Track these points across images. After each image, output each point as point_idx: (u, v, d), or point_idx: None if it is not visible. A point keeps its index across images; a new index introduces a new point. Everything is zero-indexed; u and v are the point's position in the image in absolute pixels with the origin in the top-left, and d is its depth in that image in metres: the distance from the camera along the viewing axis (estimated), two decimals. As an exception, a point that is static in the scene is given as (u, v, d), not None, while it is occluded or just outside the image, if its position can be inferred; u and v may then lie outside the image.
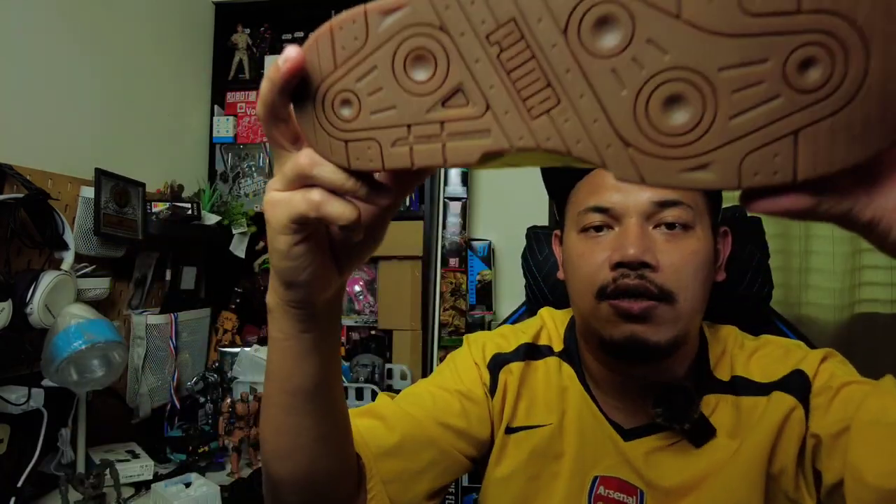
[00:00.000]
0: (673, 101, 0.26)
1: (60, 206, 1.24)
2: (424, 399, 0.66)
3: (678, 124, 0.26)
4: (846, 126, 0.23)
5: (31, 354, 1.11)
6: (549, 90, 0.28)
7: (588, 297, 0.61)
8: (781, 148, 0.25)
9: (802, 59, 0.24)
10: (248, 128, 1.92)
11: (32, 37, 1.26)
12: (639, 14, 0.26)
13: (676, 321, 0.58)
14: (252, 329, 1.84)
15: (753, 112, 0.25)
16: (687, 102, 0.25)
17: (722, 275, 0.66)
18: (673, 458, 0.61)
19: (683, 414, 0.60)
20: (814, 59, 0.24)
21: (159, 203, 1.50)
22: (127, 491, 1.20)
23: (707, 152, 0.25)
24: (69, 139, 1.36)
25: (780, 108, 0.24)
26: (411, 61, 0.30)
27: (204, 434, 1.43)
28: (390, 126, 0.31)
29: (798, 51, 0.24)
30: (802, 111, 0.24)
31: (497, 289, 1.89)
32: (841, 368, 0.60)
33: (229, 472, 1.38)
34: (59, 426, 1.18)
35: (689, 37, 0.25)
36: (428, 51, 0.29)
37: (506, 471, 0.67)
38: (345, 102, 0.31)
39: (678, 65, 0.25)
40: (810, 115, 0.24)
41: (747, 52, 0.24)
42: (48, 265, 1.18)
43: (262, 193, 1.87)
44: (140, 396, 1.42)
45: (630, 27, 0.26)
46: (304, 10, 1.94)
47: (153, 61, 1.66)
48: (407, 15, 0.29)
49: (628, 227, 0.58)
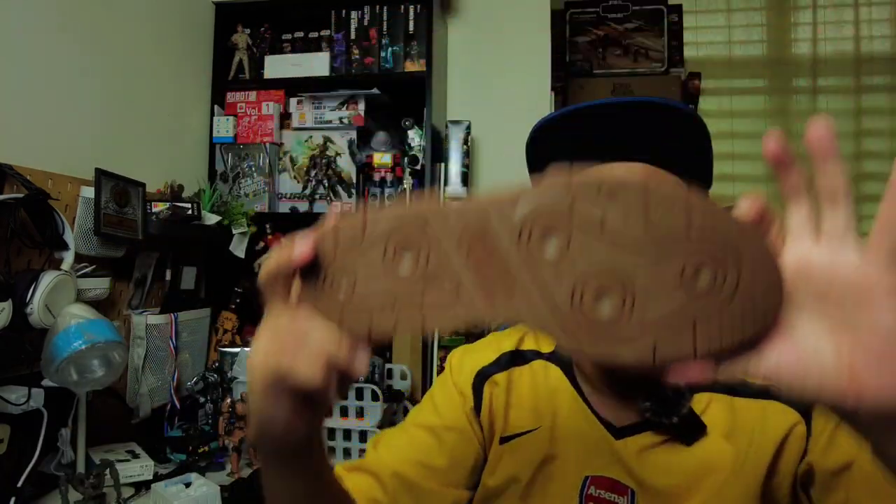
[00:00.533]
0: (601, 294, 0.33)
1: (60, 206, 1.24)
2: (408, 447, 0.69)
3: (605, 313, 0.33)
4: (731, 316, 0.31)
5: (31, 354, 1.11)
6: (508, 280, 0.35)
7: None
8: (683, 333, 0.32)
9: (695, 268, 0.32)
10: (248, 128, 1.92)
11: (32, 37, 1.26)
12: (573, 229, 0.34)
13: None
14: (252, 329, 1.83)
15: (661, 306, 0.32)
16: (612, 295, 0.33)
17: None
18: (664, 457, 0.61)
19: (671, 408, 0.60)
20: (702, 269, 0.32)
21: (159, 203, 1.51)
22: (127, 491, 1.20)
23: (628, 337, 0.33)
24: (69, 139, 1.36)
25: (681, 303, 0.32)
26: (399, 252, 0.38)
27: (204, 434, 1.43)
28: (381, 302, 0.38)
29: (691, 263, 0.32)
30: (697, 305, 0.32)
31: (497, 289, 1.89)
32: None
33: (229, 472, 1.38)
34: (59, 426, 1.18)
35: (611, 248, 0.33)
36: (414, 245, 0.37)
37: (500, 479, 0.67)
38: (343, 281, 0.39)
39: (603, 268, 0.33)
40: (703, 308, 0.32)
41: (656, 260, 0.32)
42: (48, 265, 1.18)
43: (262, 193, 1.88)
44: (140, 396, 1.42)
45: (566, 238, 0.34)
46: (304, 10, 1.94)
47: (153, 61, 1.67)
48: (397, 222, 0.38)
49: None
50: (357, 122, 1.86)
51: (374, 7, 1.87)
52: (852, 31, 3.01)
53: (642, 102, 0.60)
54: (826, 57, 3.01)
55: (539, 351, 0.72)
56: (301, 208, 1.89)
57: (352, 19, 1.89)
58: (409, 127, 1.83)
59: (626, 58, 2.60)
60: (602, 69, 2.61)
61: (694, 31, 3.06)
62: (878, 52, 2.98)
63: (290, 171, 1.93)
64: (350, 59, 1.88)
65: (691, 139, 0.61)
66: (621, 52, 2.61)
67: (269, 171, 1.89)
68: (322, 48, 1.92)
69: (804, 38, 3.05)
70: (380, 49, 1.86)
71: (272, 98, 1.92)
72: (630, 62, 2.60)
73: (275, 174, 1.92)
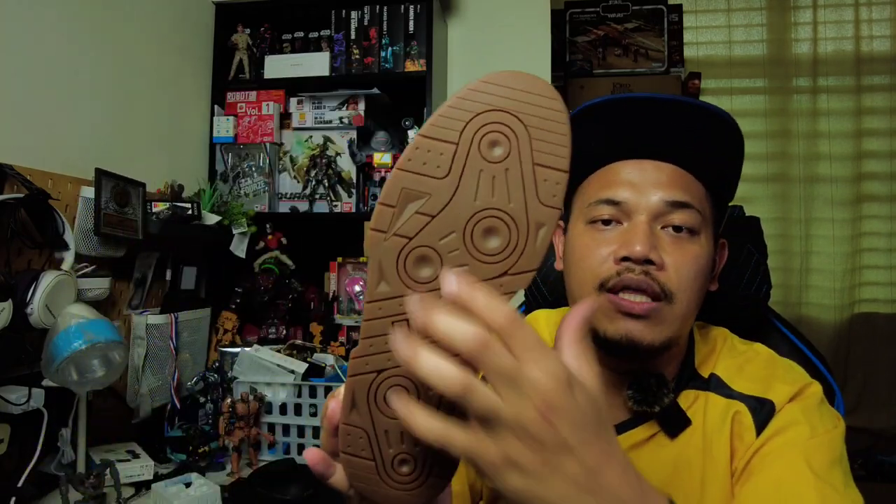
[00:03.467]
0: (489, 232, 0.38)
1: (60, 206, 1.24)
2: None
3: (492, 245, 0.38)
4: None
5: (32, 354, 1.11)
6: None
7: (588, 287, 0.61)
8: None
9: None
10: (248, 128, 1.92)
11: (32, 37, 1.26)
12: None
13: (673, 322, 0.59)
14: (252, 329, 1.84)
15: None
16: (498, 234, 0.38)
17: (715, 285, 0.67)
18: (651, 452, 0.63)
19: (654, 397, 0.61)
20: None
21: (159, 203, 1.51)
22: (127, 491, 1.20)
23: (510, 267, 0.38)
24: (69, 139, 1.36)
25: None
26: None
27: (204, 434, 1.43)
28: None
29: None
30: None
31: (497, 289, 1.89)
32: (799, 418, 0.59)
33: (229, 472, 1.38)
34: (60, 426, 1.18)
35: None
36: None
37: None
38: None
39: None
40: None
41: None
42: (48, 265, 1.18)
43: (262, 193, 1.88)
44: (140, 396, 1.42)
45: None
46: (304, 10, 1.94)
47: (153, 61, 1.67)
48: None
49: (637, 224, 0.59)
50: (357, 122, 1.86)
51: (374, 7, 1.87)
52: (852, 31, 3.01)
53: (685, 103, 0.59)
54: (826, 57, 3.02)
55: None
56: (301, 208, 1.89)
57: (352, 19, 1.89)
58: (409, 127, 1.83)
59: (626, 57, 2.60)
60: (602, 69, 2.61)
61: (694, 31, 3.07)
62: (878, 52, 2.98)
63: (290, 171, 1.93)
64: (350, 59, 1.88)
65: (726, 146, 0.61)
66: (621, 52, 2.61)
67: (269, 171, 1.89)
68: (322, 48, 1.92)
69: (804, 37, 3.05)
70: (380, 49, 1.86)
71: (272, 98, 1.92)
72: (630, 62, 2.60)
73: (275, 174, 1.92)
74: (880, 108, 2.97)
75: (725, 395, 0.62)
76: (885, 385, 2.85)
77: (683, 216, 0.59)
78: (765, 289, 0.80)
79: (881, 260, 2.99)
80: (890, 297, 2.96)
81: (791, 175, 3.03)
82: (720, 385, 0.64)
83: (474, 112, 0.37)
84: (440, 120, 0.37)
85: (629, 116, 0.60)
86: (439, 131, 0.37)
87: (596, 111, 0.61)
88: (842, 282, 2.99)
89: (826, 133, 3.00)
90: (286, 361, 1.52)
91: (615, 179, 0.62)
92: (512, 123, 0.37)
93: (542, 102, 0.37)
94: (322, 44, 1.93)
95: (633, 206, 0.60)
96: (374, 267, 0.38)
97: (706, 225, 0.62)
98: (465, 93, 0.37)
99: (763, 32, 3.07)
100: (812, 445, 0.56)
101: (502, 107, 0.37)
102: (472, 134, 0.37)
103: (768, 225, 3.27)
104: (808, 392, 0.61)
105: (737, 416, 0.61)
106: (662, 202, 0.60)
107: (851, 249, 3.00)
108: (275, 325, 1.81)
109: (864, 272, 3.02)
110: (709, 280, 0.64)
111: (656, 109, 0.60)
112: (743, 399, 0.61)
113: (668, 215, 0.60)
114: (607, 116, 0.62)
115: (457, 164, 0.37)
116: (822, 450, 0.56)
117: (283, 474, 1.28)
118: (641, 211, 0.60)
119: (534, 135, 0.37)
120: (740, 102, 3.09)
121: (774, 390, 0.61)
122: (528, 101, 0.37)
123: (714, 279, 0.67)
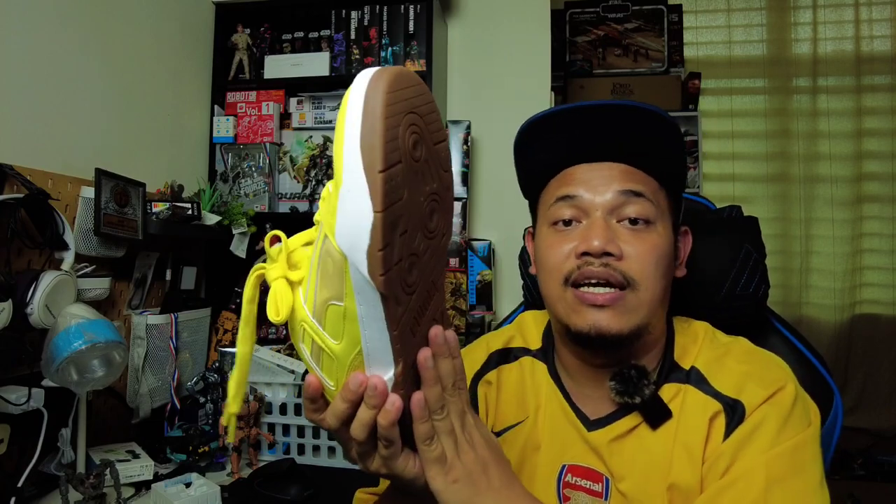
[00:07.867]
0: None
1: (60, 206, 1.25)
2: None
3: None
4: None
5: (32, 354, 1.11)
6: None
7: (555, 284, 0.65)
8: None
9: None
10: (248, 128, 1.92)
11: (33, 37, 1.26)
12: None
13: (639, 309, 0.62)
14: (252, 329, 1.83)
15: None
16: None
17: (682, 270, 0.70)
18: (633, 444, 0.64)
19: (635, 387, 0.63)
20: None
21: (159, 203, 1.51)
22: (127, 491, 1.20)
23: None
24: (69, 139, 1.36)
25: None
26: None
27: (204, 434, 1.43)
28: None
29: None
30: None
31: (497, 289, 1.89)
32: (770, 422, 0.59)
33: (229, 472, 1.38)
34: (60, 426, 1.18)
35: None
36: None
37: None
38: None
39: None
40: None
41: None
42: (48, 265, 1.18)
43: (262, 193, 1.88)
44: (140, 396, 1.42)
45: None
46: (304, 10, 1.94)
47: (153, 61, 1.67)
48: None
49: (594, 221, 0.64)
50: (357, 122, 1.86)
51: (374, 7, 1.87)
52: (852, 31, 3.01)
53: (615, 105, 0.63)
54: (826, 57, 3.01)
55: (528, 348, 0.78)
56: (301, 208, 1.89)
57: (352, 19, 1.89)
58: (409, 127, 1.83)
59: (626, 58, 2.60)
60: (602, 69, 2.61)
61: (694, 31, 3.07)
62: (878, 52, 2.97)
63: (290, 171, 1.93)
64: (350, 59, 1.88)
65: (666, 141, 0.64)
66: (621, 52, 2.61)
67: (269, 171, 1.89)
68: (322, 48, 1.92)
69: (804, 37, 3.05)
70: (380, 49, 1.86)
71: (272, 98, 1.93)
72: (630, 62, 2.59)
73: (275, 174, 1.92)
74: (880, 108, 2.97)
75: (704, 392, 0.63)
76: (885, 385, 2.85)
77: (638, 207, 0.63)
78: (763, 289, 0.80)
79: (882, 261, 2.98)
80: (891, 298, 2.96)
81: (791, 175, 3.02)
82: (700, 380, 0.64)
83: (407, 123, 0.42)
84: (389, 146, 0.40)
85: (580, 124, 0.64)
86: (391, 157, 0.40)
87: (550, 121, 0.66)
88: (842, 282, 2.99)
89: (826, 133, 3.00)
90: (286, 361, 1.52)
91: (571, 179, 0.66)
92: (418, 121, 0.43)
93: (419, 91, 0.43)
94: (322, 44, 1.93)
95: (588, 203, 0.64)
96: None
97: (662, 214, 0.65)
98: (387, 110, 0.41)
99: (763, 32, 3.07)
100: (773, 456, 0.56)
101: (411, 109, 0.42)
102: (407, 144, 0.42)
103: (768, 225, 3.27)
104: (779, 396, 0.60)
105: (714, 417, 0.61)
106: (616, 193, 0.63)
107: (852, 250, 3.00)
108: (275, 325, 1.81)
109: (864, 273, 3.01)
110: (673, 267, 0.67)
111: (602, 115, 0.63)
112: (719, 398, 0.62)
113: (623, 208, 0.63)
114: (562, 126, 0.66)
115: (405, 179, 0.42)
116: (785, 459, 0.56)
117: (283, 474, 1.28)
118: (597, 207, 0.64)
119: (428, 122, 0.44)
120: (740, 102, 3.09)
121: (747, 391, 0.61)
122: (412, 95, 0.43)
123: (681, 265, 0.70)
